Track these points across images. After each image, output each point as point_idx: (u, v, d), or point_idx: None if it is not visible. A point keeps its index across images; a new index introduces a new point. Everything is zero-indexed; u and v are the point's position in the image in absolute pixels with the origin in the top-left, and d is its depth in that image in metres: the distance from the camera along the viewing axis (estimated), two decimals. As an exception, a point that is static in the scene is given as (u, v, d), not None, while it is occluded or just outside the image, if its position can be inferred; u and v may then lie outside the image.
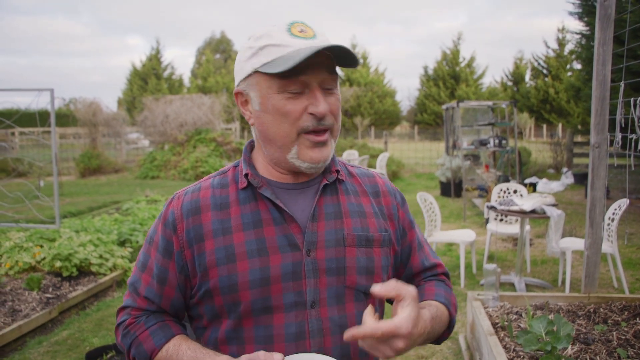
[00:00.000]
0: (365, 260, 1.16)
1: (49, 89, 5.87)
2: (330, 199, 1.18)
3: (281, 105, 1.07)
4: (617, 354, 2.70)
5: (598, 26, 3.44)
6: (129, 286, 1.21)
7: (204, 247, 1.11)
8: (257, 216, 1.12)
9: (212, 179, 1.21)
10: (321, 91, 1.08)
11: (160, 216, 1.19)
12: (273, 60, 1.05)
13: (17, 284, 4.71)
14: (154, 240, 1.18)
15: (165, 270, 1.15)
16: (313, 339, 1.10)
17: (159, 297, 1.16)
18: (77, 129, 17.33)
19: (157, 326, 1.16)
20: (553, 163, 15.31)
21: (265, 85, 1.08)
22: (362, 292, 1.16)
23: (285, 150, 1.10)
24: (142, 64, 39.08)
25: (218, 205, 1.14)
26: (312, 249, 1.12)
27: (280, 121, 1.08)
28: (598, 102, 3.50)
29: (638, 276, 5.35)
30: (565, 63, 32.11)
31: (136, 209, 8.58)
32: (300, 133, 1.09)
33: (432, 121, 36.55)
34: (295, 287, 1.10)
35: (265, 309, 1.09)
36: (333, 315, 1.12)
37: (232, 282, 1.08)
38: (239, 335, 1.11)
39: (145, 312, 1.18)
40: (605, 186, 3.65)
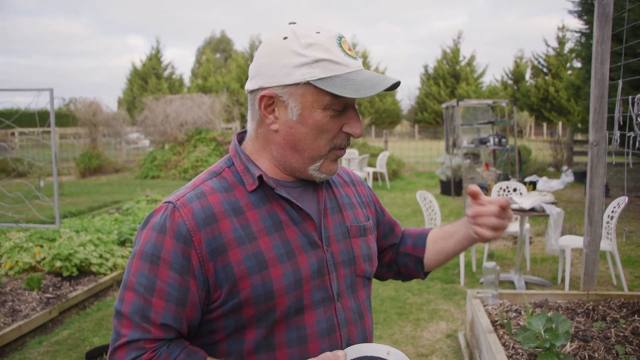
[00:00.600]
0: (366, 248, 1.23)
1: (48, 88, 5.88)
2: (327, 193, 1.22)
3: (324, 122, 1.07)
4: (615, 351, 2.70)
5: (596, 24, 3.44)
6: (132, 316, 1.02)
7: (228, 258, 1.03)
8: (275, 218, 1.10)
9: (210, 182, 1.12)
10: (357, 112, 1.12)
11: (162, 229, 1.04)
12: (331, 77, 1.03)
13: (17, 284, 4.72)
14: (162, 257, 1.03)
15: (185, 290, 1.02)
16: (342, 329, 1.13)
17: (179, 321, 1.04)
18: (77, 128, 17.33)
19: (184, 354, 1.04)
20: (553, 161, 15.31)
21: (312, 99, 1.05)
22: (367, 278, 1.24)
23: (311, 162, 1.11)
24: (143, 64, 39.07)
25: (232, 211, 1.07)
26: (329, 244, 1.15)
27: (317, 136, 1.08)
28: (597, 101, 3.50)
29: (637, 274, 5.36)
30: (566, 61, 32.08)
31: (136, 208, 8.59)
32: (332, 149, 1.11)
33: (432, 120, 36.54)
34: (320, 284, 1.12)
35: (297, 310, 1.08)
36: (352, 304, 1.17)
37: (267, 290, 1.04)
38: (269, 342, 1.07)
39: (162, 342, 1.03)
40: (605, 184, 3.65)
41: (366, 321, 1.21)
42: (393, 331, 4.08)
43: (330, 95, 1.04)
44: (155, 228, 1.05)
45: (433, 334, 4.03)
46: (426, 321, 4.28)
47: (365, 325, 1.20)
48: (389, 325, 4.17)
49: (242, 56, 40.76)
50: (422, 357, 3.68)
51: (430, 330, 4.10)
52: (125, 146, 19.95)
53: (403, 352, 1.02)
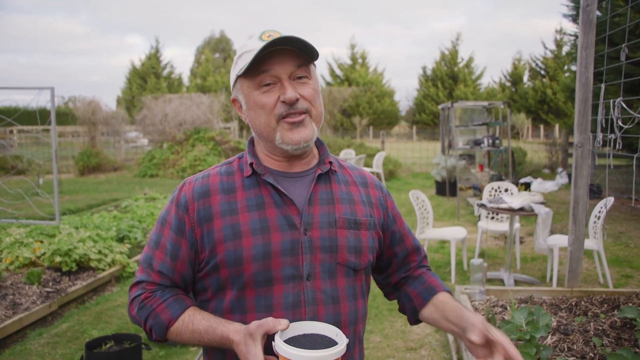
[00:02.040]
0: (354, 241, 1.32)
1: (49, 87, 5.98)
2: (324, 186, 1.34)
3: (258, 99, 1.24)
4: (593, 343, 2.82)
5: (581, 30, 3.56)
6: (143, 263, 1.32)
7: (212, 226, 1.25)
8: (260, 199, 1.28)
9: (219, 168, 1.35)
10: (289, 81, 1.23)
11: (172, 199, 1.32)
12: (245, 63, 1.22)
13: (17, 278, 4.83)
14: (167, 220, 1.30)
15: (178, 247, 1.27)
16: (308, 307, 1.24)
17: (172, 271, 1.28)
18: (76, 127, 17.43)
19: (172, 299, 1.27)
20: (548, 163, 15.44)
21: (245, 86, 1.27)
22: (352, 268, 1.32)
23: (271, 138, 1.27)
24: (142, 63, 39.16)
25: (225, 190, 1.29)
26: (309, 229, 1.27)
27: (260, 114, 1.25)
28: (581, 103, 3.62)
29: (624, 273, 5.48)
30: (563, 64, 32.26)
31: (135, 206, 8.70)
32: (279, 120, 1.24)
33: (430, 121, 36.67)
34: (292, 262, 1.24)
35: (266, 280, 1.23)
36: (326, 287, 1.27)
37: (237, 256, 1.22)
38: (241, 304, 1.24)
39: (159, 287, 1.29)
40: (596, 185, 3.77)
41: (342, 307, 1.29)
42: (384, 326, 4.19)
43: (251, 76, 1.24)
44: (170, 199, 1.34)
45: (422, 329, 4.14)
46: (416, 317, 4.39)
47: (340, 310, 1.28)
48: (380, 321, 4.29)
49: (241, 56, 40.77)
50: (412, 350, 3.80)
51: (420, 325, 4.21)
52: (124, 145, 20.05)
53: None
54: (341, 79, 38.57)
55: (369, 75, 38.84)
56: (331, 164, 1.37)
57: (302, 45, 1.21)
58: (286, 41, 1.20)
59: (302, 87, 1.25)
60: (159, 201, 9.39)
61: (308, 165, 1.35)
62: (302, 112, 1.25)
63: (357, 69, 38.48)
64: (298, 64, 1.24)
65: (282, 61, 1.22)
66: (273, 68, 1.22)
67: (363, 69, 38.66)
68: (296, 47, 1.22)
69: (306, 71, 1.26)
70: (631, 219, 8.30)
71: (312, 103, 1.27)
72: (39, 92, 6.05)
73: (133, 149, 21.30)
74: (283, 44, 1.20)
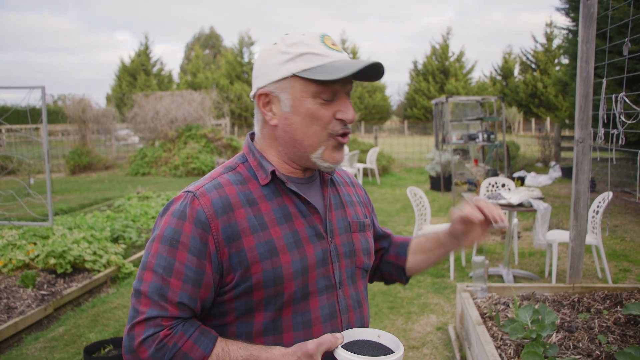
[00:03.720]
0: (365, 243, 1.34)
1: (40, 86, 5.89)
2: (331, 190, 1.32)
3: (315, 109, 1.15)
4: (598, 340, 2.81)
5: (581, 24, 3.53)
6: (150, 294, 1.10)
7: (242, 244, 1.12)
8: (286, 210, 1.20)
9: (227, 175, 1.21)
10: (348, 99, 1.19)
11: (183, 216, 1.13)
12: (314, 67, 1.13)
13: (11, 281, 4.75)
14: (180, 241, 1.11)
15: (201, 272, 1.11)
16: (343, 315, 1.23)
17: (194, 300, 1.12)
18: (66, 125, 17.23)
19: (198, 333, 1.12)
20: (541, 157, 15.50)
21: (299, 89, 1.15)
22: (365, 270, 1.35)
23: (311, 150, 1.18)
24: (131, 60, 38.83)
25: (247, 202, 1.17)
26: (333, 236, 1.25)
27: (310, 124, 1.16)
28: (582, 99, 3.60)
29: (621, 267, 5.49)
30: (553, 57, 32.39)
31: (128, 205, 8.61)
32: (329, 137, 1.18)
33: (422, 116, 36.72)
34: (324, 273, 1.21)
35: (303, 296, 1.18)
36: (352, 292, 1.27)
37: (277, 275, 1.13)
38: (276, 325, 1.16)
39: (178, 320, 1.11)
40: (590, 179, 3.76)
41: (364, 309, 1.31)
42: (384, 324, 4.16)
43: (315, 83, 1.13)
44: (175, 214, 1.14)
45: (424, 327, 4.12)
46: (417, 314, 4.37)
47: (364, 313, 1.30)
48: (380, 319, 4.26)
49: (232, 52, 40.62)
50: (414, 349, 3.77)
51: (421, 323, 4.19)
52: (115, 143, 19.87)
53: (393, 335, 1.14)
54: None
55: (360, 71, 38.72)
56: None
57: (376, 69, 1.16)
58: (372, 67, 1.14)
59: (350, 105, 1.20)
60: (152, 200, 9.30)
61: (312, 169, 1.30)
62: (349, 133, 1.21)
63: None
64: (350, 82, 1.20)
65: (346, 78, 1.15)
66: (338, 83, 1.15)
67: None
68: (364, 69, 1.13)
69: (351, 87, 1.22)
70: (626, 213, 8.33)
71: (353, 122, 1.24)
72: (30, 91, 5.95)
73: (124, 147, 21.12)
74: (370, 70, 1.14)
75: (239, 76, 38.70)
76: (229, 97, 31.64)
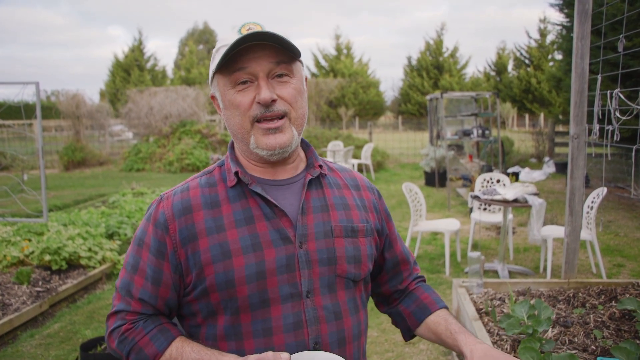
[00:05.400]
0: (353, 250, 1.23)
1: (34, 82, 5.84)
2: (316, 192, 1.24)
3: (233, 98, 1.14)
4: (594, 335, 2.83)
5: (576, 21, 3.54)
6: (120, 289, 1.19)
7: (198, 246, 1.13)
8: (248, 213, 1.16)
9: (199, 179, 1.23)
10: (267, 80, 1.12)
11: (149, 218, 1.19)
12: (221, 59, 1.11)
13: (6, 278, 4.73)
14: (144, 241, 1.17)
15: (159, 271, 1.15)
16: (310, 327, 1.15)
17: (154, 298, 1.16)
18: (60, 121, 17.14)
19: (156, 330, 1.16)
20: (535, 152, 15.55)
21: (222, 83, 1.16)
22: (351, 280, 1.23)
23: (245, 141, 1.17)
24: (125, 55, 38.58)
25: (209, 204, 1.17)
26: (304, 242, 1.17)
27: (235, 114, 1.15)
28: (577, 95, 3.61)
29: (615, 262, 5.53)
30: (547, 53, 32.44)
31: (123, 201, 8.58)
32: (253, 122, 1.14)
33: (416, 111, 36.73)
34: (290, 279, 1.14)
35: (262, 302, 1.13)
36: (327, 303, 1.17)
37: (228, 278, 1.11)
38: (237, 330, 1.14)
39: (141, 316, 1.17)
40: (585, 175, 3.77)
41: (345, 322, 1.20)
42: (381, 320, 4.18)
43: (227, 73, 1.13)
44: (146, 217, 1.21)
45: (420, 322, 4.13)
46: (413, 310, 4.38)
47: (344, 326, 1.20)
48: (376, 315, 4.27)
49: (226, 47, 40.43)
50: (410, 345, 3.78)
51: (417, 319, 4.20)
52: (109, 139, 19.78)
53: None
54: (326, 70, 38.38)
55: (354, 66, 38.70)
56: (321, 167, 1.26)
57: (279, 41, 1.10)
58: (262, 36, 1.09)
59: (282, 87, 1.14)
60: (147, 196, 9.28)
61: (296, 170, 1.25)
62: (280, 117, 1.14)
63: (342, 60, 38.33)
64: (277, 61, 1.12)
65: (260, 57, 1.11)
66: (249, 65, 1.11)
67: (348, 60, 38.50)
68: (274, 42, 1.11)
69: (287, 69, 1.14)
70: (619, 208, 8.38)
71: (292, 105, 1.15)
72: (24, 86, 5.90)
73: (118, 143, 21.03)
74: (259, 39, 1.09)
75: (233, 71, 38.51)
76: (223, 92, 31.47)
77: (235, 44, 1.07)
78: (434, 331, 1.31)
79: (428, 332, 1.34)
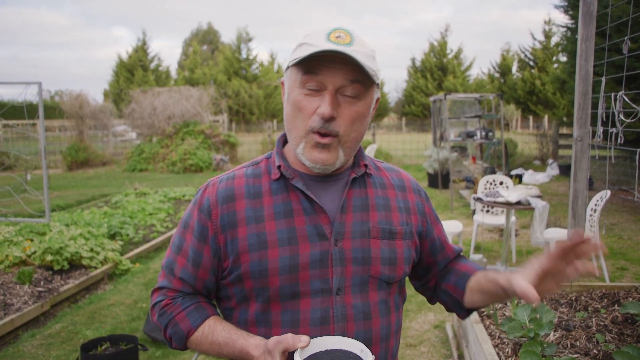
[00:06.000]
0: (389, 252, 1.23)
1: (36, 82, 5.85)
2: (359, 191, 1.25)
3: (299, 99, 1.14)
4: (596, 339, 2.81)
5: (581, 22, 3.52)
6: (164, 268, 1.27)
7: (237, 233, 1.18)
8: (288, 206, 1.19)
9: (245, 169, 1.27)
10: (333, 95, 1.12)
11: (195, 202, 1.25)
12: (300, 56, 1.11)
13: (8, 277, 4.73)
14: (189, 225, 1.24)
15: (200, 254, 1.21)
16: (337, 323, 1.16)
17: (193, 278, 1.23)
18: (63, 121, 17.16)
19: (192, 307, 1.22)
20: (539, 154, 15.50)
21: (292, 78, 1.17)
22: (385, 281, 1.23)
23: (296, 144, 1.18)
24: (129, 56, 38.67)
25: (251, 194, 1.21)
26: (340, 239, 1.18)
27: (296, 115, 1.16)
28: (581, 97, 3.58)
29: (619, 265, 5.49)
30: (552, 55, 32.37)
31: (125, 202, 8.60)
32: (309, 132, 1.14)
33: (419, 113, 36.68)
34: (321, 275, 1.16)
35: (292, 294, 1.16)
36: (357, 302, 1.19)
37: (262, 268, 1.15)
38: (266, 318, 1.18)
39: (180, 294, 1.24)
40: (588, 177, 3.75)
41: (374, 323, 1.21)
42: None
43: (302, 71, 1.13)
44: (193, 201, 1.27)
45: (421, 325, 4.12)
46: (415, 312, 4.37)
47: (372, 327, 1.20)
48: (378, 317, 4.26)
49: (229, 48, 40.50)
50: (411, 347, 3.77)
51: (419, 322, 4.19)
52: (113, 139, 19.82)
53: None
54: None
55: (358, 67, 38.68)
56: (366, 167, 1.27)
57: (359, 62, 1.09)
58: (344, 55, 1.08)
59: (346, 106, 1.13)
60: (149, 196, 9.29)
61: (341, 168, 1.25)
62: (332, 135, 1.14)
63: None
64: (352, 80, 1.12)
65: (336, 70, 1.10)
66: (323, 74, 1.11)
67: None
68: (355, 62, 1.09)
69: (358, 90, 1.13)
70: (623, 211, 8.34)
71: (348, 127, 1.14)
72: (27, 86, 5.91)
73: (122, 143, 21.06)
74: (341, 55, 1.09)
75: (237, 72, 38.60)
76: (226, 93, 31.56)
77: (316, 52, 1.08)
78: (478, 289, 1.28)
79: (474, 295, 1.30)
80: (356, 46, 1.11)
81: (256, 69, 39.71)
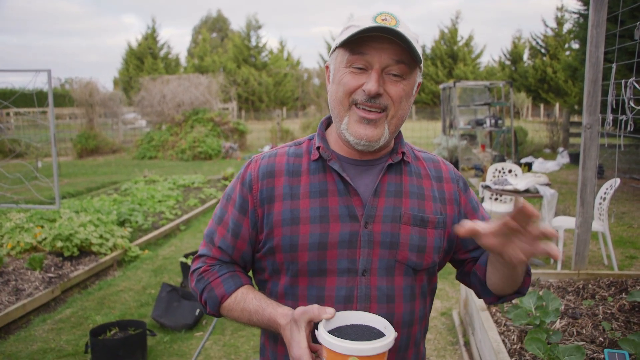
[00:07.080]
0: (418, 239, 1.23)
1: (46, 69, 5.88)
2: (394, 177, 1.26)
3: (343, 77, 1.18)
4: (602, 327, 2.80)
5: (592, 8, 3.47)
6: (205, 237, 1.33)
7: (273, 208, 1.24)
8: (324, 186, 1.23)
9: (288, 148, 1.32)
10: (379, 73, 1.15)
11: (239, 177, 1.31)
12: (346, 37, 1.15)
13: (19, 263, 4.80)
14: (232, 197, 1.30)
15: (239, 225, 1.27)
16: (360, 303, 1.19)
17: (232, 248, 1.29)
18: (74, 109, 17.27)
19: (228, 275, 1.27)
20: (549, 143, 15.37)
21: (339, 59, 1.20)
22: (412, 267, 1.23)
23: (340, 119, 1.21)
24: (138, 44, 38.69)
25: (291, 172, 1.26)
26: (370, 222, 1.21)
27: (339, 90, 1.19)
28: (590, 84, 3.55)
29: (628, 254, 5.46)
30: (564, 42, 31.97)
31: (135, 189, 8.66)
32: (352, 105, 1.18)
33: (429, 100, 36.46)
34: (349, 255, 1.20)
35: (320, 271, 1.20)
36: (382, 284, 1.21)
37: (293, 242, 1.20)
38: (294, 292, 1.23)
39: (218, 262, 1.30)
40: (597, 166, 3.72)
41: (397, 307, 1.22)
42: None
43: (348, 51, 1.16)
44: (237, 176, 1.33)
45: (428, 312, 4.12)
46: (421, 300, 4.38)
47: (394, 310, 1.21)
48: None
49: (239, 36, 40.40)
50: (417, 334, 3.78)
51: (425, 309, 4.20)
52: (122, 127, 19.91)
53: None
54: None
55: (368, 55, 38.48)
56: (404, 154, 1.28)
57: (406, 42, 1.12)
58: (392, 32, 1.11)
59: (392, 84, 1.16)
60: (159, 183, 9.34)
61: (379, 153, 1.27)
62: (380, 111, 1.17)
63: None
64: (398, 60, 1.15)
65: (383, 50, 1.14)
66: (370, 53, 1.14)
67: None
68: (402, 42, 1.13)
69: (403, 70, 1.16)
70: (634, 199, 8.27)
71: (395, 103, 1.17)
72: (36, 74, 5.94)
73: (131, 131, 21.15)
74: (388, 34, 1.12)
75: (246, 60, 38.53)
76: (236, 80, 31.55)
77: (364, 30, 1.11)
78: (490, 262, 1.23)
79: (490, 270, 1.25)
80: (402, 28, 1.14)
81: (266, 56, 39.61)
